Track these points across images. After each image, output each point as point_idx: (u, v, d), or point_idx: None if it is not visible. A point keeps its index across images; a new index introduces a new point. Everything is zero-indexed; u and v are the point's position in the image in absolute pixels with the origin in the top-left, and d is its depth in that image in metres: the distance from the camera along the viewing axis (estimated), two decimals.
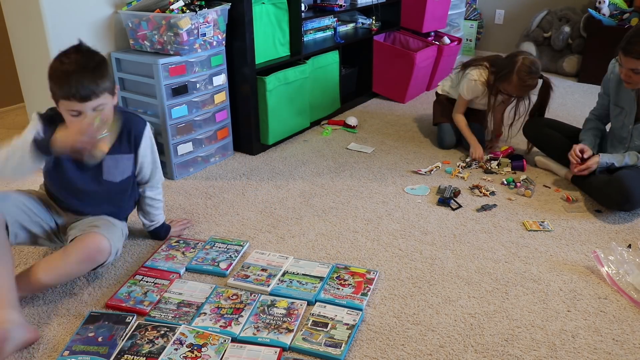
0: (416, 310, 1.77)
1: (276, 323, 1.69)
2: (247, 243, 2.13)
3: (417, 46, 3.97)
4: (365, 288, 1.85)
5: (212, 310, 1.75)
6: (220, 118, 2.83)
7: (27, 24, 2.45)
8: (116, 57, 2.64)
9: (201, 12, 2.51)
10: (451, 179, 2.71)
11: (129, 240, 2.16)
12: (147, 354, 1.56)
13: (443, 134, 3.08)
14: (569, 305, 1.80)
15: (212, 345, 1.60)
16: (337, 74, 3.47)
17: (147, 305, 1.77)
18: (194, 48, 2.56)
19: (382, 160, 2.93)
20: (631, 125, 2.38)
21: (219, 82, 2.77)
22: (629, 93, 2.37)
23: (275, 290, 1.85)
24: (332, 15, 3.62)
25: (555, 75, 4.56)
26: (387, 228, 2.26)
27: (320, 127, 3.41)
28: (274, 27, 2.95)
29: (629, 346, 1.62)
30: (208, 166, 2.85)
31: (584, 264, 2.02)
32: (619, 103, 2.44)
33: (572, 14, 4.49)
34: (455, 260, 2.04)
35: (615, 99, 2.47)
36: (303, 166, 2.86)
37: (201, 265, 1.98)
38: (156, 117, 2.60)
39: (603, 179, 2.38)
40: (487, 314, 1.75)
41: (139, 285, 1.86)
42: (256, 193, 2.57)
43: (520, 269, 1.99)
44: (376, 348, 1.61)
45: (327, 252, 2.10)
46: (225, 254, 2.04)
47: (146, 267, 1.97)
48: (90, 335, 1.63)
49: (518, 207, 2.43)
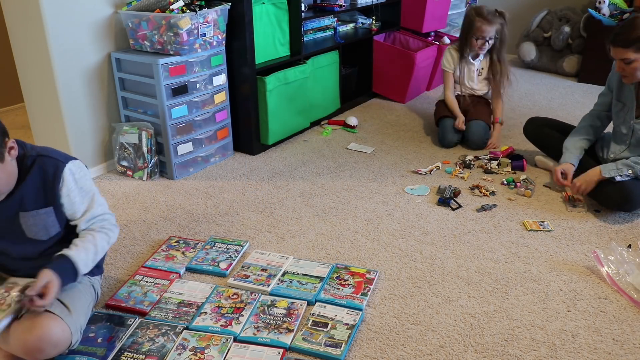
0: (416, 310, 1.77)
1: (276, 323, 1.69)
2: (247, 243, 2.13)
3: (417, 46, 3.96)
4: (365, 288, 1.85)
5: (213, 309, 1.75)
6: (220, 118, 2.83)
7: (27, 24, 2.45)
8: (116, 57, 2.64)
9: (201, 12, 2.51)
10: (451, 179, 2.71)
11: (129, 240, 2.16)
12: (146, 352, 1.57)
13: (444, 129, 3.09)
14: (569, 305, 1.80)
15: (214, 346, 1.60)
16: (337, 74, 3.47)
17: (147, 306, 1.77)
18: (194, 48, 2.56)
19: (382, 160, 2.93)
20: (632, 120, 2.38)
21: (219, 82, 2.77)
22: (630, 89, 2.38)
23: (275, 290, 1.85)
24: (332, 15, 3.62)
25: (555, 75, 4.56)
26: (387, 228, 2.26)
27: (320, 127, 3.41)
28: (274, 27, 2.95)
29: (629, 346, 1.62)
30: (208, 166, 2.85)
31: (584, 264, 2.02)
32: (621, 99, 2.44)
33: (572, 14, 4.49)
34: (455, 260, 2.04)
35: (617, 95, 2.47)
36: (303, 166, 2.86)
37: (201, 265, 1.98)
38: (156, 117, 2.60)
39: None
40: (487, 314, 1.75)
41: (139, 285, 1.86)
42: (256, 193, 2.57)
43: (520, 269, 1.99)
44: (376, 348, 1.61)
45: (327, 252, 2.10)
46: (225, 254, 2.04)
47: (146, 267, 1.97)
48: (90, 335, 1.63)
49: (518, 207, 2.43)
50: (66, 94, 2.54)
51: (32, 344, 1.39)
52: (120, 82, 2.69)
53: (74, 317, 1.49)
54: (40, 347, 1.40)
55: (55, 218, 1.54)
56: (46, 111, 2.61)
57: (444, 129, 3.09)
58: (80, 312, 1.53)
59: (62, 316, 1.45)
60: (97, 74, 2.64)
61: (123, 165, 2.72)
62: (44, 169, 1.51)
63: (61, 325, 1.43)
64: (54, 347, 1.42)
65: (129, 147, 2.65)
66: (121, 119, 2.76)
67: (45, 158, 1.52)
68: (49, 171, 1.51)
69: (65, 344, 1.45)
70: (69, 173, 1.53)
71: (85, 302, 1.59)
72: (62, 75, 2.50)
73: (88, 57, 2.58)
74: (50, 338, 1.40)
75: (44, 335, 1.39)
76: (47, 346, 1.40)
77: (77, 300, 1.54)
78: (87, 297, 1.61)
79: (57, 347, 1.43)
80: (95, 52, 2.60)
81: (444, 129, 3.09)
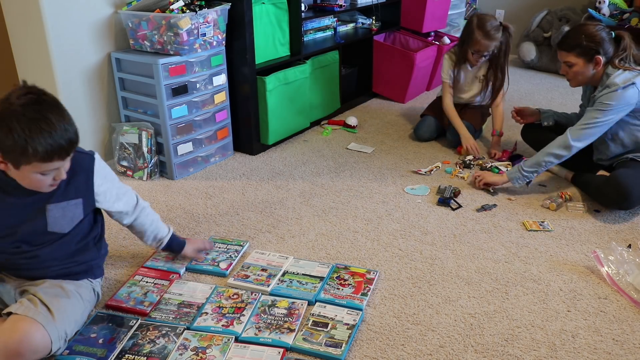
0: (416, 310, 1.77)
1: (277, 323, 1.69)
2: (247, 243, 2.13)
3: (417, 46, 3.96)
4: (365, 288, 1.85)
5: (214, 309, 1.75)
6: (220, 118, 2.83)
7: (27, 24, 2.45)
8: (116, 57, 2.64)
9: (201, 12, 2.51)
10: (451, 179, 2.71)
11: (129, 240, 2.16)
12: (147, 353, 1.57)
13: (421, 124, 3.18)
14: (569, 305, 1.80)
15: (216, 346, 1.60)
16: (337, 74, 3.47)
17: (147, 306, 1.77)
18: (194, 48, 2.56)
19: (382, 160, 2.93)
20: None
21: (219, 82, 2.77)
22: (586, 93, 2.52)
23: (275, 290, 1.85)
24: (332, 15, 3.62)
25: (555, 75, 4.56)
26: (387, 228, 2.26)
27: (320, 127, 3.41)
28: (274, 27, 2.95)
29: (629, 346, 1.62)
30: (208, 166, 2.85)
31: (584, 264, 2.02)
32: (584, 101, 2.60)
33: (572, 14, 4.49)
34: (455, 260, 2.04)
35: (583, 99, 2.63)
36: (303, 166, 2.86)
37: (201, 266, 1.98)
38: (156, 117, 2.60)
39: (601, 178, 2.42)
40: (487, 314, 1.75)
41: (139, 286, 1.86)
42: (256, 193, 2.57)
43: (520, 269, 1.99)
44: (376, 348, 1.61)
45: (327, 252, 2.10)
46: (225, 254, 2.04)
47: (146, 267, 1.97)
48: (92, 336, 1.63)
49: (518, 207, 2.43)
50: (66, 94, 2.54)
51: (12, 348, 1.40)
52: (120, 82, 2.69)
53: (58, 324, 1.49)
54: (19, 351, 1.41)
55: (82, 210, 1.60)
56: None
57: (420, 124, 3.19)
58: (65, 320, 1.53)
59: (44, 323, 1.45)
60: (97, 74, 2.64)
61: (123, 165, 2.72)
62: (77, 162, 1.55)
63: (41, 331, 1.44)
64: (33, 353, 1.43)
65: (129, 147, 2.66)
66: (121, 119, 2.76)
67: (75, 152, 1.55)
68: (82, 164, 1.58)
69: (45, 350, 1.46)
70: (99, 163, 1.63)
71: (77, 310, 1.60)
72: (62, 75, 2.50)
73: (88, 57, 2.58)
74: (30, 343, 1.42)
75: (23, 339, 1.41)
76: (26, 351, 1.42)
77: (64, 308, 1.54)
78: (79, 304, 1.61)
79: (36, 353, 1.44)
80: (95, 52, 2.60)
81: (420, 123, 3.19)
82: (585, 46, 2.30)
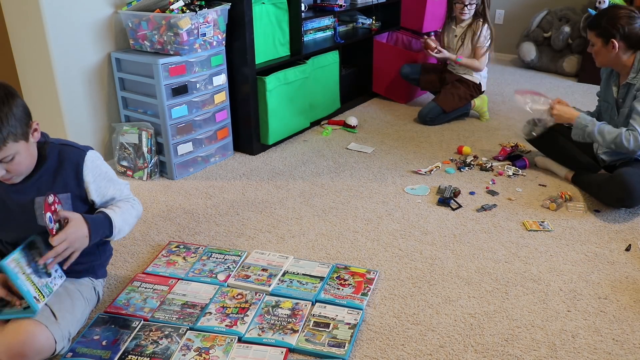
0: (416, 310, 1.77)
1: (281, 324, 1.69)
2: (245, 253, 2.07)
3: (417, 46, 3.97)
4: (365, 288, 1.85)
5: (218, 309, 1.75)
6: (220, 118, 2.83)
7: (27, 24, 2.45)
8: (116, 57, 2.64)
9: (201, 12, 2.51)
10: (451, 179, 2.71)
11: (129, 240, 2.16)
12: (151, 354, 1.57)
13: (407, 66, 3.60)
14: (569, 305, 1.80)
15: (219, 346, 1.60)
16: (337, 74, 3.47)
17: (147, 312, 1.74)
18: (194, 48, 2.56)
19: (382, 160, 2.93)
20: (616, 117, 2.42)
21: (219, 82, 2.77)
22: (612, 88, 2.47)
23: (276, 290, 1.85)
24: (332, 15, 3.62)
25: (555, 75, 4.56)
26: (387, 228, 2.26)
27: (320, 127, 3.41)
28: (274, 27, 2.95)
29: (629, 346, 1.62)
30: (208, 166, 2.85)
31: (584, 264, 2.02)
32: (606, 98, 2.52)
33: (572, 14, 4.49)
34: (455, 260, 2.04)
35: (604, 95, 2.55)
36: (303, 166, 2.86)
37: (199, 278, 1.92)
38: (156, 117, 2.60)
39: (603, 176, 2.42)
40: (487, 314, 1.75)
41: (138, 292, 1.84)
42: (256, 193, 2.57)
43: (520, 269, 1.99)
44: (376, 348, 1.61)
45: (327, 252, 2.10)
46: (223, 265, 1.99)
47: (146, 273, 1.94)
48: (95, 338, 1.62)
49: (518, 207, 2.43)
50: (66, 94, 2.54)
51: (16, 349, 1.41)
52: (120, 82, 2.69)
53: (61, 325, 1.49)
54: (23, 352, 1.41)
55: (71, 205, 1.57)
56: (46, 111, 2.61)
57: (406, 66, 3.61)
58: (68, 320, 1.53)
59: (47, 324, 1.46)
60: (97, 74, 2.64)
61: (123, 165, 2.72)
62: (66, 157, 1.55)
63: (45, 332, 1.44)
64: (37, 354, 1.44)
65: (129, 147, 2.66)
66: (121, 119, 2.76)
67: (67, 147, 1.58)
68: (71, 158, 1.56)
69: (49, 351, 1.47)
70: (91, 160, 1.59)
71: (78, 310, 1.59)
72: (62, 75, 2.50)
73: (88, 57, 2.58)
74: (34, 344, 1.42)
75: (27, 341, 1.42)
76: (30, 352, 1.42)
77: (67, 307, 1.55)
78: (80, 304, 1.61)
79: (40, 354, 1.45)
80: (95, 52, 2.60)
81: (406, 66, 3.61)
82: (603, 27, 2.30)
